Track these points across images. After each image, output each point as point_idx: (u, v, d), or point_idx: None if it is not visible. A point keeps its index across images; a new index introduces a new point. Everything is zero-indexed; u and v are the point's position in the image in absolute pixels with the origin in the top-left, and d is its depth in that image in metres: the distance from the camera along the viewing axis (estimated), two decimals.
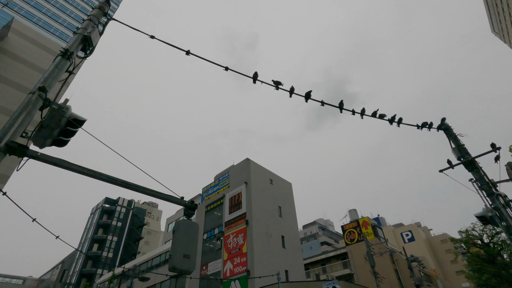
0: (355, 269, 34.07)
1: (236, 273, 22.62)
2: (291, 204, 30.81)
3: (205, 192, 32.75)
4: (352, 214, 44.12)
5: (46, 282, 60.97)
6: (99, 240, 54.29)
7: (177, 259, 3.65)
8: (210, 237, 27.48)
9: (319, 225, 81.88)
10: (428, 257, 56.57)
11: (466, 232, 18.42)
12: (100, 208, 58.08)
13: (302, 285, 19.98)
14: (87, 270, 50.12)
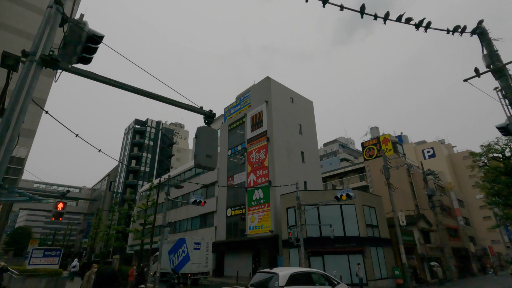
0: (371, 182, 36.26)
1: (259, 183, 25.07)
2: (312, 122, 31.30)
3: (227, 112, 33.72)
4: (374, 131, 44.32)
5: (98, 191, 71.39)
6: (136, 157, 60.33)
7: (201, 158, 4.25)
8: (234, 153, 29.56)
9: (340, 143, 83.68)
10: (446, 172, 57.99)
11: (488, 146, 18.33)
12: (132, 129, 62.51)
13: (318, 193, 22.01)
14: (130, 182, 57.46)
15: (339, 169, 43.53)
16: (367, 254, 19.70)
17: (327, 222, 19.45)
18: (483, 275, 33.86)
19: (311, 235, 20.28)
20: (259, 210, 24.19)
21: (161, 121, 68.16)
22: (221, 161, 31.06)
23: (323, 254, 19.91)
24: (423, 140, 77.68)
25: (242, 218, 26.06)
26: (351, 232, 20.28)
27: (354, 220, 20.61)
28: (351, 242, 19.85)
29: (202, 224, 31.54)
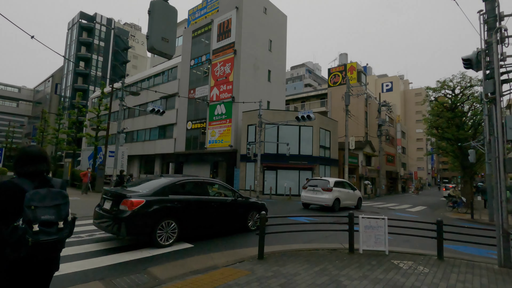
0: (331, 108, 37.66)
1: (222, 98, 24.38)
2: (283, 39, 29.46)
3: (191, 15, 29.85)
4: (342, 58, 43.84)
5: (41, 93, 64.49)
6: (84, 59, 53.52)
7: (156, 40, 3.48)
8: (197, 63, 27.48)
9: (307, 67, 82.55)
10: (398, 105, 62.14)
11: (444, 82, 19.26)
12: (77, 24, 53.53)
13: (280, 113, 22.31)
14: (79, 86, 52.27)
15: (303, 93, 43.96)
16: (315, 171, 21.68)
17: (285, 141, 20.32)
18: (405, 194, 40.56)
19: (268, 152, 21.32)
20: (220, 125, 24.18)
21: (113, 19, 58.91)
22: (183, 71, 28.93)
23: (277, 169, 21.44)
24: (385, 74, 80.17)
25: (202, 132, 26.05)
26: (305, 151, 21.68)
27: (309, 141, 21.81)
28: (303, 160, 21.42)
29: (161, 135, 31.14)
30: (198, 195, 6.61)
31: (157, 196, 5.78)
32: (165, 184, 6.11)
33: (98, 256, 4.85)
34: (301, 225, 7.84)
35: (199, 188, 6.84)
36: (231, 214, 7.25)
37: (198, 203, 6.44)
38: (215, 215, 6.74)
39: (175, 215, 5.88)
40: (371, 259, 5.24)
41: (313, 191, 13.38)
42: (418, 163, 66.98)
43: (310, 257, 5.17)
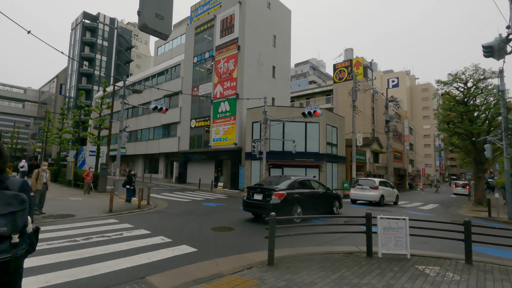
0: (337, 104, 37.00)
1: (226, 95, 23.92)
2: (287, 35, 28.85)
3: (193, 12, 29.40)
4: (348, 53, 43.04)
5: (46, 94, 64.75)
6: (88, 59, 53.46)
7: (148, 17, 3.01)
8: (200, 61, 27.04)
9: (311, 64, 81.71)
10: (404, 101, 61.09)
11: (455, 75, 18.53)
12: (81, 24, 53.47)
13: (286, 110, 21.78)
14: (83, 86, 52.25)
15: (308, 90, 43.34)
16: (323, 169, 21.13)
17: (291, 138, 19.80)
18: (413, 191, 39.75)
19: (273, 149, 20.82)
20: (225, 122, 23.74)
21: (116, 19, 58.75)
22: (186, 69, 28.53)
23: (283, 166, 20.93)
24: (391, 69, 78.93)
25: (206, 130, 25.64)
26: (312, 148, 21.13)
27: (316, 138, 21.26)
28: (310, 157, 20.88)
29: (165, 134, 30.83)
30: (309, 189, 9.71)
31: (291, 189, 8.73)
32: (292, 181, 9.13)
33: (93, 262, 4.43)
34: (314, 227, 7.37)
35: (308, 184, 9.89)
36: (325, 201, 10.31)
37: (309, 193, 9.57)
38: (318, 201, 9.85)
39: (300, 201, 8.87)
40: (393, 264, 4.74)
41: (361, 189, 15.58)
42: (426, 159, 65.87)
43: (325, 262, 4.69)
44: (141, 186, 11.91)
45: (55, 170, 21.62)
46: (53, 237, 5.88)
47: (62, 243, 5.44)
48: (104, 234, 6.26)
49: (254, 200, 8.72)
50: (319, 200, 9.85)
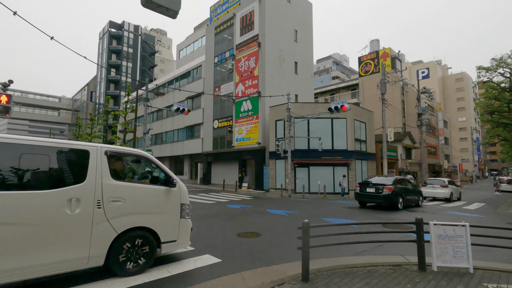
0: (363, 99, 35.34)
1: (248, 94, 23.47)
2: (309, 29, 27.87)
3: (213, 12, 29.29)
4: (374, 45, 41.05)
5: (79, 101, 68.30)
6: (115, 66, 55.57)
7: None
8: (221, 60, 26.83)
9: (334, 59, 79.41)
10: (437, 93, 57.47)
11: (500, 59, 16.69)
12: (107, 33, 55.68)
13: (310, 106, 20.91)
14: (112, 92, 54.35)
15: (332, 85, 41.93)
16: (351, 167, 20.02)
17: (316, 135, 18.94)
18: None
19: (298, 148, 20.05)
20: (247, 122, 23.30)
21: (140, 26, 60.56)
22: (207, 70, 28.48)
23: (309, 165, 20.09)
24: (420, 60, 74.59)
25: (229, 130, 25.38)
26: (339, 145, 20.10)
27: (343, 134, 20.20)
28: (338, 155, 19.86)
29: (189, 135, 31.03)
30: (405, 185, 12.81)
31: (395, 185, 11.94)
32: (395, 179, 12.43)
33: (108, 277, 4.05)
34: (345, 232, 6.61)
35: (404, 181, 13.08)
36: (415, 195, 13.42)
37: (406, 188, 12.72)
38: (411, 195, 12.98)
39: (401, 194, 12.10)
40: (454, 281, 3.93)
41: (432, 187, 17.51)
42: (463, 154, 61.43)
43: (370, 279, 3.98)
44: None
45: None
46: None
47: None
48: None
49: (367, 192, 12.19)
50: (411, 194, 12.95)
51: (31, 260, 3.20)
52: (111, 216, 3.80)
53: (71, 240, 3.49)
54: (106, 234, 3.75)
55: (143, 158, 4.54)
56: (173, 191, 4.50)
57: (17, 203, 3.18)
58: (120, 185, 3.98)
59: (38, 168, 3.57)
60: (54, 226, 3.38)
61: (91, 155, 3.82)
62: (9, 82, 7.43)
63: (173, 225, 4.46)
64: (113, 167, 4.02)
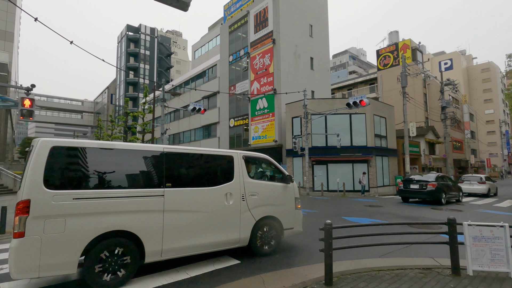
0: (382, 93, 34.23)
1: (263, 92, 23.28)
2: (324, 23, 27.26)
3: (227, 11, 29.29)
4: (393, 37, 39.61)
5: (100, 104, 70.68)
6: (133, 68, 56.95)
7: None
8: (236, 59, 26.78)
9: (350, 54, 77.59)
10: (461, 85, 54.84)
11: None
12: (125, 36, 57.12)
13: (327, 102, 20.44)
14: (130, 94, 55.79)
15: (349, 80, 40.93)
16: (372, 163, 19.41)
17: (334, 131, 18.48)
18: None
19: (316, 145, 19.66)
20: (263, 120, 23.13)
21: (156, 28, 61.68)
22: (222, 69, 28.53)
23: (327, 163, 19.66)
24: (442, 51, 71.32)
25: (245, 128, 25.31)
26: (358, 142, 19.53)
27: (362, 130, 19.60)
28: (357, 151, 19.30)
29: (206, 135, 31.27)
30: (445, 181, 13.63)
31: (438, 181, 12.84)
32: (437, 176, 13.29)
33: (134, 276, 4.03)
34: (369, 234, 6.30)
35: (444, 178, 13.91)
36: (456, 190, 14.14)
37: (447, 184, 13.57)
38: (452, 190, 13.78)
39: (444, 190, 12.89)
40: (493, 286, 3.60)
41: (469, 184, 17.92)
42: (491, 148, 58.31)
43: (398, 283, 3.72)
44: None
45: None
46: None
47: None
48: None
49: (411, 188, 13.10)
50: (452, 189, 13.70)
51: (206, 239, 4.41)
52: (251, 206, 4.93)
53: (229, 225, 4.65)
54: (249, 221, 4.87)
55: (266, 160, 5.65)
56: (289, 187, 5.57)
57: (195, 196, 4.41)
58: (254, 182, 5.10)
59: (205, 170, 4.88)
60: (218, 214, 4.55)
61: (235, 159, 4.98)
62: (31, 86, 7.66)
63: (291, 214, 5.47)
64: (247, 168, 5.14)
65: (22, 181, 3.41)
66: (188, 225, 4.24)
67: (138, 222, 3.85)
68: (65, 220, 3.39)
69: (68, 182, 3.57)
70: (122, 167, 4.01)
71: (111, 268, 3.61)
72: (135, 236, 3.80)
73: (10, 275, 3.21)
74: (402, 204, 13.08)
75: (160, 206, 4.05)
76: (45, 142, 3.51)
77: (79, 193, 3.54)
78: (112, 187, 3.82)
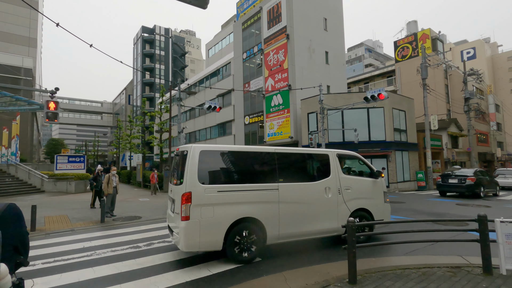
0: (400, 86, 33.19)
1: (278, 88, 23.12)
2: (339, 16, 26.64)
3: (239, 8, 29.21)
4: (411, 27, 38.16)
5: (118, 105, 72.63)
6: (149, 69, 58.06)
7: None
8: (249, 56, 26.71)
9: (366, 46, 75.65)
10: (485, 74, 52.28)
11: None
12: (140, 38, 58.28)
13: (343, 96, 20.02)
14: (147, 95, 56.98)
15: (365, 74, 39.91)
16: (391, 158, 18.89)
17: (351, 126, 18.09)
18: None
19: (333, 140, 19.34)
20: (278, 116, 22.99)
21: (170, 29, 62.52)
22: (236, 66, 28.53)
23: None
24: (464, 39, 68.11)
25: (260, 125, 25.26)
26: (377, 136, 19.05)
27: (381, 124, 19.09)
28: (375, 146, 18.83)
29: (221, 132, 31.47)
30: (483, 176, 13.96)
31: (476, 175, 13.22)
32: (475, 170, 13.71)
33: (153, 274, 4.12)
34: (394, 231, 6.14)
35: (482, 172, 14.11)
36: (493, 185, 14.51)
37: (485, 178, 13.84)
38: (490, 185, 14.13)
39: (482, 184, 13.34)
40: None
41: (504, 178, 18.51)
42: None
43: (426, 283, 3.59)
44: None
45: (128, 173, 23.69)
46: (118, 243, 5.90)
47: (125, 250, 5.37)
48: (165, 239, 6.09)
49: (450, 183, 13.53)
50: (489, 183, 14.02)
51: (311, 227, 5.03)
52: (346, 199, 5.43)
53: (329, 215, 5.22)
54: (345, 212, 5.35)
55: (356, 157, 6.10)
56: (378, 182, 5.93)
57: (301, 190, 5.06)
58: (347, 177, 5.58)
59: (307, 167, 5.59)
60: (320, 206, 5.15)
61: (330, 157, 5.52)
62: (55, 89, 7.95)
63: (380, 207, 5.82)
64: (341, 165, 5.63)
65: (183, 177, 4.36)
66: (297, 215, 4.91)
67: (261, 211, 4.65)
68: (213, 207, 4.34)
69: (213, 178, 4.56)
70: (248, 166, 5.00)
71: (244, 247, 4.50)
72: (259, 223, 4.62)
73: (180, 248, 4.30)
74: (425, 200, 12.71)
75: (276, 198, 4.81)
76: (196, 148, 4.55)
77: (221, 187, 4.50)
78: (242, 182, 4.69)
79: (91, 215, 9.30)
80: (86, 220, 8.45)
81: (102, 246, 5.70)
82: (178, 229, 4.26)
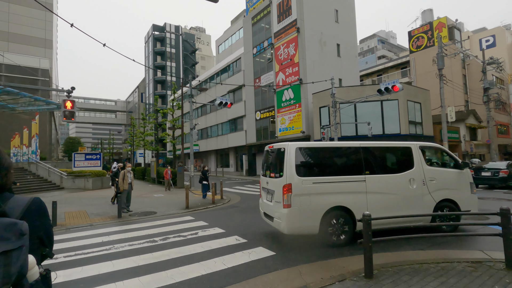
0: (415, 78, 32.27)
1: (289, 82, 22.93)
2: (351, 7, 26.05)
3: (249, 2, 29.00)
4: (426, 15, 36.86)
5: (131, 103, 73.94)
6: (160, 67, 58.70)
7: None
8: (260, 51, 26.55)
9: (379, 37, 73.83)
10: (506, 63, 50.09)
11: None
12: (151, 36, 58.87)
13: (356, 90, 19.66)
14: (159, 92, 57.74)
15: (378, 65, 38.99)
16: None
17: (365, 120, 17.78)
18: None
19: (346, 134, 19.09)
20: (290, 111, 22.84)
21: (180, 26, 62.86)
22: (247, 62, 28.46)
23: None
24: (483, 27, 65.29)
25: (271, 120, 25.18)
26: (391, 129, 18.67)
27: (395, 117, 18.68)
28: (390, 140, 18.45)
29: (232, 128, 31.58)
30: None
31: (509, 168, 13.33)
32: (507, 163, 13.72)
33: (169, 268, 4.21)
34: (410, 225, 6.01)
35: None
36: None
37: None
38: None
39: None
40: None
41: None
42: None
43: (446, 277, 3.51)
44: (213, 181, 12.03)
45: (142, 169, 24.18)
46: (135, 237, 6.04)
47: (142, 244, 5.50)
48: (180, 234, 6.20)
49: (482, 176, 13.60)
50: None
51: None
52: (431, 190, 5.59)
53: (414, 205, 5.42)
54: (430, 202, 5.54)
55: (439, 149, 6.33)
56: (464, 173, 5.96)
57: (387, 181, 5.38)
58: (431, 169, 5.73)
59: (391, 159, 5.87)
60: (405, 196, 5.39)
61: (412, 150, 5.68)
62: (72, 89, 8.16)
63: (467, 198, 5.85)
64: (424, 157, 5.82)
65: (283, 171, 4.99)
66: (384, 204, 5.24)
67: (351, 200, 5.11)
68: (310, 197, 4.91)
69: (307, 171, 5.14)
70: (337, 159, 5.54)
71: (337, 231, 5.00)
72: (350, 211, 5.06)
73: (282, 232, 4.96)
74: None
75: (364, 188, 5.21)
76: (292, 145, 5.11)
77: (316, 179, 5.04)
78: (333, 174, 5.21)
79: (108, 211, 9.56)
80: (104, 216, 8.70)
81: (120, 240, 5.86)
82: (280, 215, 4.93)
